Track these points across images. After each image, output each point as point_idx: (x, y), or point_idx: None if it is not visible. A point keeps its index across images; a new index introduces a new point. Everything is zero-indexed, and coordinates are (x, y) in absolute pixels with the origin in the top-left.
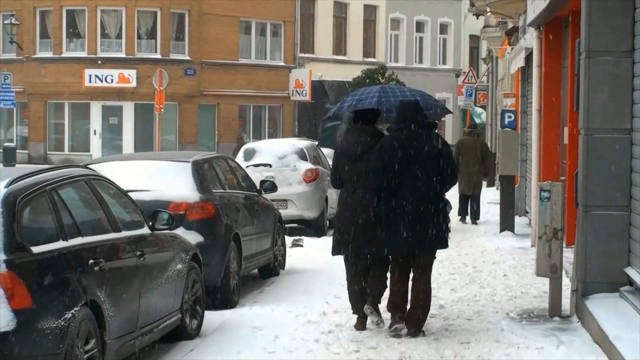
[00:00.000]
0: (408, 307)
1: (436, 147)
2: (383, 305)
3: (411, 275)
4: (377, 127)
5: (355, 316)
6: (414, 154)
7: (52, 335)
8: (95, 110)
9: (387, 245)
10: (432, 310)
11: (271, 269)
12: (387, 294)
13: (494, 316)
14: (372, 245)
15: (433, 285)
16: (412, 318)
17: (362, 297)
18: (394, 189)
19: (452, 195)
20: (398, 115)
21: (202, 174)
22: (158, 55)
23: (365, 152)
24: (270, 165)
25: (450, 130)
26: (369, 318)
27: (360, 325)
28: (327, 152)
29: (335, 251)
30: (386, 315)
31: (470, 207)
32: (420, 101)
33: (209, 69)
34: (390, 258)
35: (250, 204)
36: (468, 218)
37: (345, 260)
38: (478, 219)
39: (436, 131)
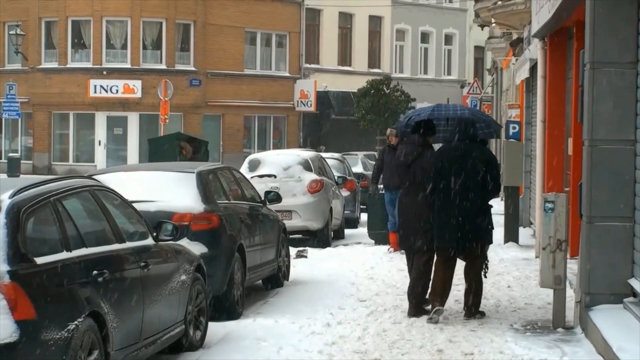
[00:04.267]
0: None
1: (482, 159)
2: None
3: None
4: (427, 139)
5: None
6: (462, 163)
7: (56, 346)
8: (100, 120)
9: (437, 239)
10: None
11: (275, 280)
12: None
13: (498, 327)
14: (418, 239)
15: None
16: (466, 301)
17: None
18: (443, 193)
19: None
20: (454, 129)
21: (206, 184)
22: (163, 66)
23: (414, 160)
24: (274, 176)
25: None
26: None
27: (414, 311)
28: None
29: (399, 246)
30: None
31: None
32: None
33: (214, 80)
34: (437, 251)
35: (254, 214)
36: None
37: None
38: None
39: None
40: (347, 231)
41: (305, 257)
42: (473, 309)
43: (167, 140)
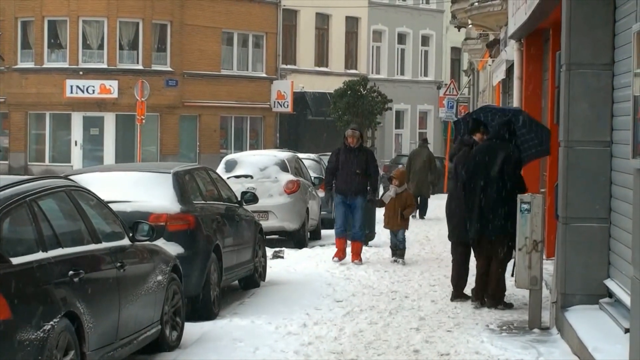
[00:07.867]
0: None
1: (506, 156)
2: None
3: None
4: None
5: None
6: (489, 159)
7: (31, 346)
8: (77, 121)
9: (467, 231)
10: (412, 322)
11: (252, 280)
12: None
13: (474, 328)
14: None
15: (413, 297)
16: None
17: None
18: (471, 187)
19: None
20: (492, 129)
21: (183, 185)
22: (140, 66)
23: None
24: (251, 177)
25: (432, 142)
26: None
27: (454, 297)
28: None
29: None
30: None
31: (420, 204)
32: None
33: (191, 80)
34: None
35: (231, 215)
36: (417, 213)
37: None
38: (425, 214)
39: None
40: (323, 232)
41: (282, 257)
42: (492, 299)
43: None
